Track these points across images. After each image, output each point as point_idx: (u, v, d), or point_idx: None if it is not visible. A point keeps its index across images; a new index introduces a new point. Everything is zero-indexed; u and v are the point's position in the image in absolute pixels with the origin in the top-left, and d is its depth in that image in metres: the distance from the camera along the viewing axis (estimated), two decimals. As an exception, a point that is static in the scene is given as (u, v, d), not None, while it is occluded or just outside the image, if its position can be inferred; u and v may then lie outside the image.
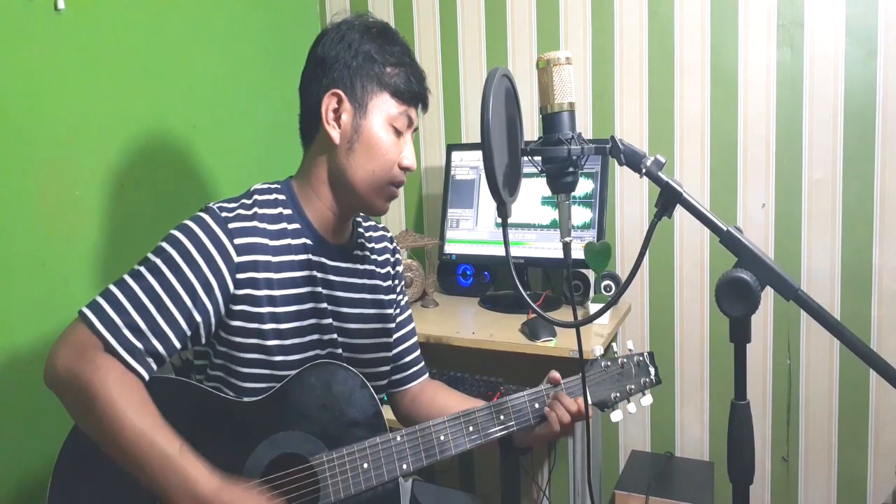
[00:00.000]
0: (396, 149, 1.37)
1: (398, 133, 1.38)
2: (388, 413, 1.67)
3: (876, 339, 2.21)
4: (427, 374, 1.69)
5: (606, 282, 2.18)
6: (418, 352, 1.67)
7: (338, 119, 1.36)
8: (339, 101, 1.35)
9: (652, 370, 1.52)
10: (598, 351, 1.48)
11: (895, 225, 2.16)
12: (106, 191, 1.85)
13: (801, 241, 2.27)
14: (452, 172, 2.49)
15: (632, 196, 2.44)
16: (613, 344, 1.53)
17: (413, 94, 1.38)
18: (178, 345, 1.25)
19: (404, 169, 1.39)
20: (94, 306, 1.20)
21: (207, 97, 2.18)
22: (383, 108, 1.36)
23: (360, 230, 1.55)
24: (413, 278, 2.40)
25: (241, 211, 1.33)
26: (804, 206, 2.26)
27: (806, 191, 2.25)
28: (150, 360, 1.21)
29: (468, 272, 2.55)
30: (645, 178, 1.07)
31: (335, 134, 1.36)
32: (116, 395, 1.14)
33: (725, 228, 1.02)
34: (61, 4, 1.71)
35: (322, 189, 1.40)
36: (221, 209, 1.32)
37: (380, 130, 1.35)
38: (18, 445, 1.64)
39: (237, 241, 1.29)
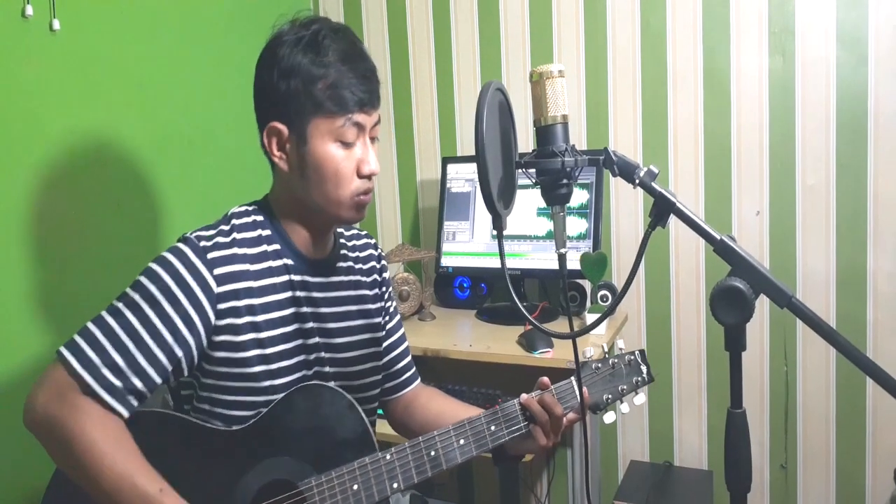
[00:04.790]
0: (349, 161, 1.31)
1: (348, 144, 1.31)
2: (383, 425, 1.67)
3: (872, 344, 2.22)
4: (419, 380, 1.67)
5: (603, 292, 2.18)
6: (409, 358, 1.66)
7: (283, 149, 1.32)
8: (279, 133, 1.31)
9: (644, 368, 1.50)
10: (590, 352, 1.46)
11: (889, 229, 2.17)
12: (103, 209, 1.86)
13: (795, 247, 2.28)
14: (448, 185, 2.50)
15: (627, 206, 2.45)
16: (604, 345, 1.53)
17: (355, 101, 1.29)
18: (158, 380, 1.23)
19: (365, 176, 1.33)
20: (72, 346, 1.18)
21: (203, 113, 2.19)
22: (322, 129, 1.28)
23: (343, 241, 1.52)
24: (410, 291, 2.40)
25: (219, 239, 1.31)
26: (798, 212, 2.27)
27: (800, 197, 2.26)
28: (130, 397, 1.19)
29: (465, 284, 2.56)
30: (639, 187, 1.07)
31: (283, 164, 1.33)
32: (96, 438, 1.14)
33: (719, 237, 1.03)
34: (56, 25, 1.72)
35: (293, 209, 1.37)
36: (199, 238, 1.29)
37: (325, 151, 1.29)
38: (14, 466, 1.65)
39: (217, 271, 1.27)
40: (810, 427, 2.33)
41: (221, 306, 1.27)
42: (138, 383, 1.19)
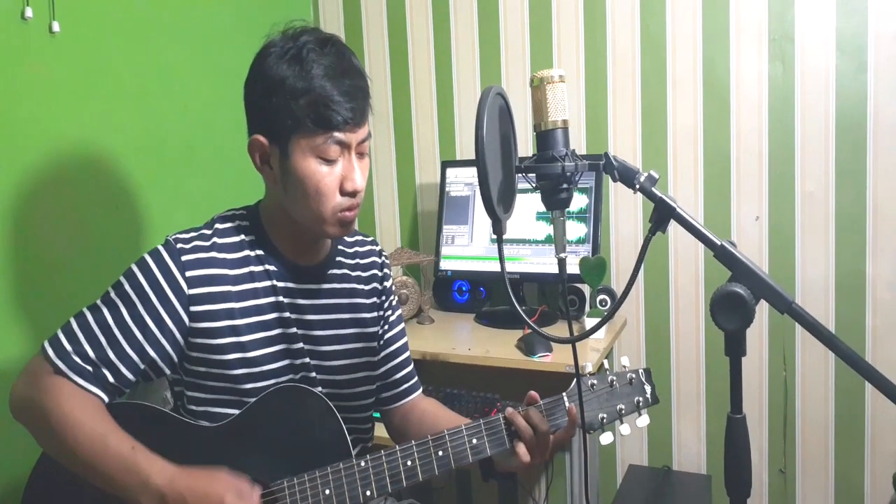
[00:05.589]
0: (331, 178, 1.28)
1: (331, 161, 1.28)
2: (380, 430, 1.66)
3: (871, 350, 2.22)
4: (420, 390, 1.65)
5: (602, 296, 2.18)
6: (410, 368, 1.63)
7: (267, 162, 1.32)
8: (262, 146, 1.31)
9: (648, 388, 1.39)
10: (588, 368, 1.40)
11: (888, 235, 2.17)
12: (101, 211, 1.86)
13: (794, 253, 2.28)
14: (447, 189, 2.50)
15: (626, 211, 2.45)
16: (606, 362, 1.48)
17: (337, 119, 1.26)
18: (131, 377, 1.26)
19: (348, 193, 1.31)
20: (53, 339, 1.25)
21: (202, 116, 2.19)
22: (304, 145, 1.27)
23: (342, 247, 1.51)
24: (409, 295, 2.40)
25: (198, 242, 1.33)
26: (797, 218, 2.27)
27: (799, 203, 2.26)
28: (101, 383, 1.24)
29: (464, 288, 2.56)
30: (639, 192, 1.07)
31: (268, 177, 1.34)
32: (68, 409, 1.19)
33: (719, 243, 1.03)
34: (56, 27, 1.72)
35: (281, 217, 1.37)
36: (177, 241, 1.32)
37: (306, 168, 1.27)
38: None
39: (189, 273, 1.29)
40: (809, 432, 2.33)
41: (195, 308, 1.29)
42: (109, 376, 1.24)
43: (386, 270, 1.60)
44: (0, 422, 1.58)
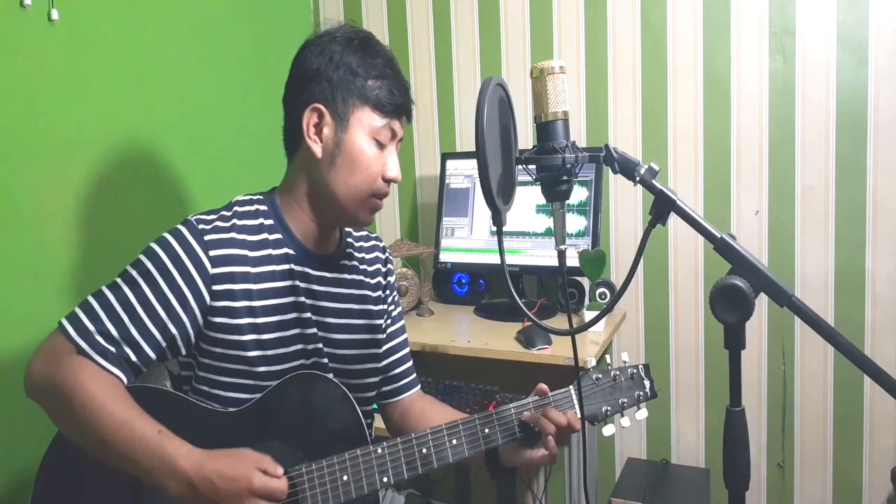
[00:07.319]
0: (379, 161, 1.36)
1: (381, 146, 1.37)
2: (380, 423, 1.66)
3: (870, 344, 2.22)
4: (419, 387, 1.66)
5: (601, 289, 2.18)
6: (409, 364, 1.65)
7: (319, 133, 1.35)
8: (321, 116, 1.34)
9: (647, 383, 1.45)
10: (591, 362, 1.44)
11: (888, 230, 2.17)
12: (100, 201, 1.85)
13: (794, 247, 2.28)
14: (447, 181, 2.49)
15: (626, 203, 2.45)
16: (607, 356, 1.50)
17: (396, 106, 1.37)
18: (152, 355, 1.26)
19: (388, 181, 1.38)
20: (71, 316, 1.24)
21: (201, 106, 2.18)
22: (365, 122, 1.35)
23: (350, 240, 1.54)
24: (408, 287, 2.40)
25: (218, 223, 1.34)
26: (797, 212, 2.26)
27: (799, 197, 2.26)
28: (124, 365, 1.23)
29: (463, 280, 2.56)
30: (639, 185, 1.07)
31: (317, 148, 1.35)
32: (93, 389, 1.17)
33: (719, 235, 1.03)
34: (55, 15, 1.71)
35: (305, 201, 1.40)
36: (199, 221, 1.33)
37: (362, 144, 1.34)
38: (4, 450, 1.65)
39: (212, 252, 1.30)
40: (808, 426, 2.33)
41: (216, 287, 1.30)
42: (131, 354, 1.24)
43: (389, 266, 1.63)
44: (17, 403, 1.59)
